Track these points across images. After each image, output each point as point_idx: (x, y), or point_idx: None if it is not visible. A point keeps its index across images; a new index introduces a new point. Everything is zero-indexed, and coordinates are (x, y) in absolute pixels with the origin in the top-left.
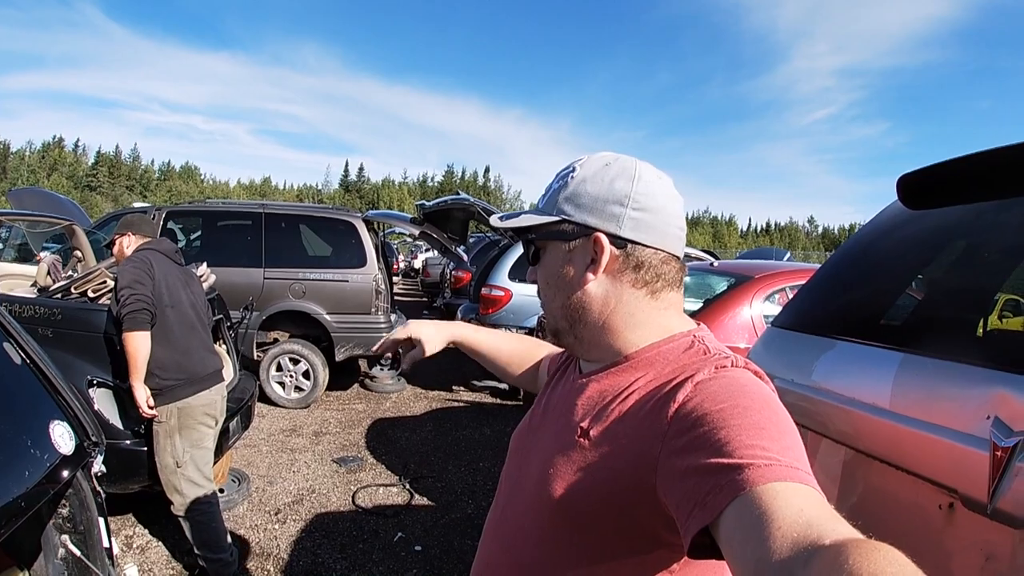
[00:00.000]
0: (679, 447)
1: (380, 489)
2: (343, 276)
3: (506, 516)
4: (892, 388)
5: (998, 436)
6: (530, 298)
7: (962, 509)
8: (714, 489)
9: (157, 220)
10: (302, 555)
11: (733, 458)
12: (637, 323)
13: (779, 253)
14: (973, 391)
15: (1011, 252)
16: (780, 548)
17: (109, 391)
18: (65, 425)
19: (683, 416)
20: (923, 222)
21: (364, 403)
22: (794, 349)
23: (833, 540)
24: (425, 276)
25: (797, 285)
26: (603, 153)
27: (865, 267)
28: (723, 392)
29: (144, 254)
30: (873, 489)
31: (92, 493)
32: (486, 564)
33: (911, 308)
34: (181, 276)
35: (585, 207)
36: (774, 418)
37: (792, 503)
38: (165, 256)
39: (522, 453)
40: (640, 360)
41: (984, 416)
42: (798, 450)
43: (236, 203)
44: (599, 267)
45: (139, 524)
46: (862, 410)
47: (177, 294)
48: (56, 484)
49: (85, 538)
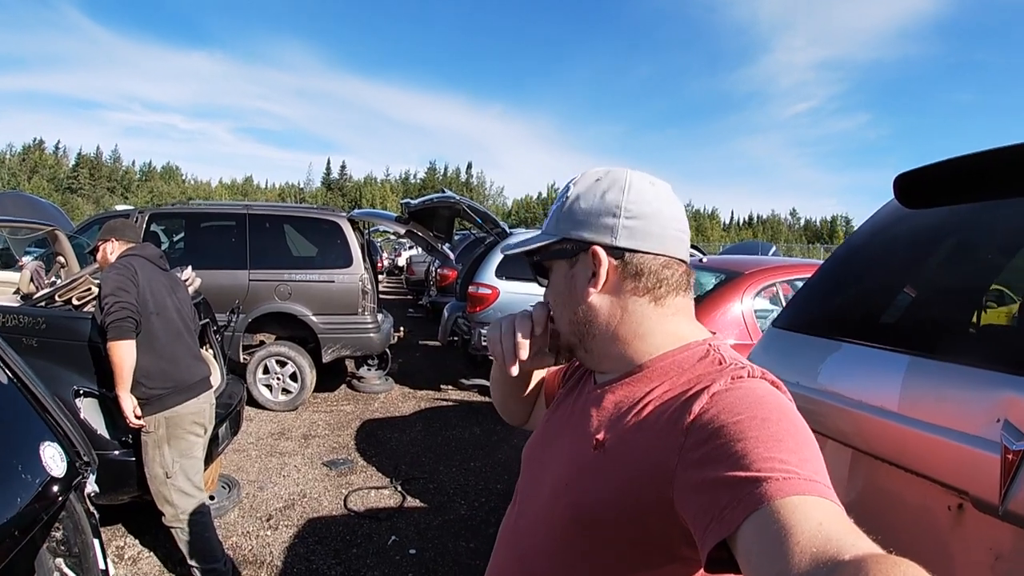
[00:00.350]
0: (696, 459)
1: (372, 492)
2: (329, 277)
3: (520, 526)
4: (900, 391)
5: (1009, 439)
6: (517, 296)
7: (971, 510)
8: (732, 502)
9: (140, 223)
10: (296, 561)
11: (751, 471)
12: (646, 331)
13: (765, 247)
14: (983, 394)
15: (1006, 250)
16: (799, 563)
17: (96, 400)
18: (56, 446)
19: (700, 428)
20: (921, 221)
21: (352, 404)
22: (798, 351)
23: (853, 556)
24: (410, 274)
25: (787, 280)
26: (595, 169)
27: (867, 267)
28: (740, 403)
29: (128, 260)
30: (879, 490)
31: (86, 514)
32: (499, 573)
33: (914, 308)
34: (166, 282)
35: (581, 223)
36: (792, 429)
37: (811, 517)
38: (149, 262)
39: (537, 463)
40: (655, 370)
41: (994, 419)
42: (817, 462)
43: (220, 204)
44: (599, 279)
45: (130, 534)
46: (870, 413)
47: (162, 300)
48: (49, 507)
49: (80, 561)
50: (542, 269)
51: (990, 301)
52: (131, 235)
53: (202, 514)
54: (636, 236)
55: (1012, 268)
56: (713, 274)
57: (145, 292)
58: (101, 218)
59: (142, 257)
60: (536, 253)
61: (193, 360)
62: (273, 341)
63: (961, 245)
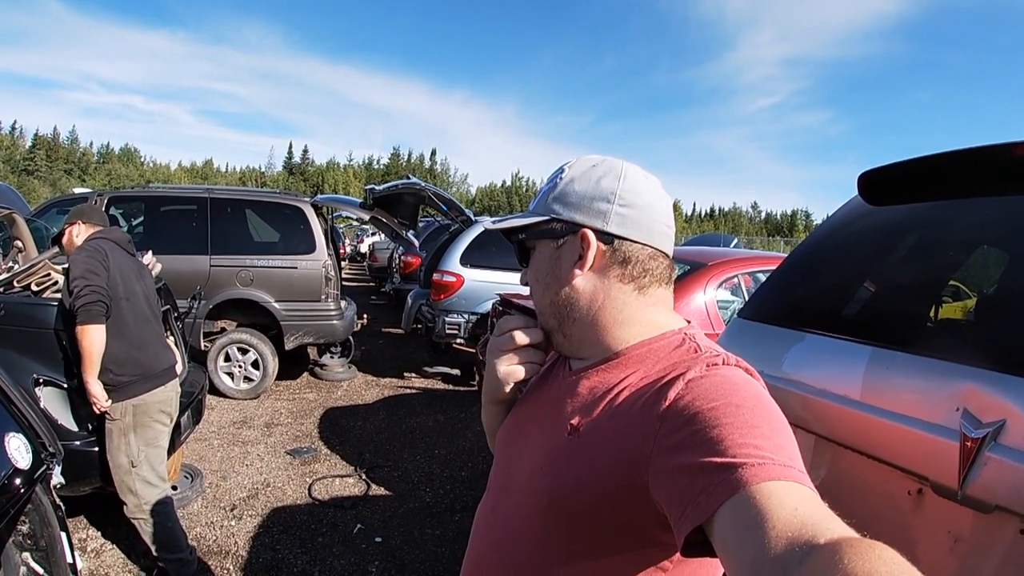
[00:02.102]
0: (671, 445)
1: (336, 480)
2: (292, 263)
3: (496, 514)
4: (863, 380)
5: (968, 427)
6: (482, 284)
7: (931, 495)
8: (707, 488)
9: (100, 206)
10: (261, 551)
11: (726, 457)
12: (626, 319)
13: (727, 239)
14: (943, 384)
15: (963, 245)
16: (775, 547)
17: (57, 389)
18: (20, 437)
19: (675, 414)
20: (883, 217)
21: (315, 392)
22: (762, 341)
23: (828, 539)
24: (372, 261)
25: (749, 272)
26: (591, 155)
27: (830, 261)
28: (715, 390)
29: (98, 243)
30: (842, 476)
31: (52, 507)
32: (476, 563)
33: (876, 301)
34: (134, 267)
35: (573, 205)
36: (767, 416)
37: (786, 502)
38: (118, 246)
39: (511, 450)
40: (631, 357)
41: (954, 408)
42: (791, 448)
43: (181, 188)
44: (586, 262)
45: (92, 526)
46: (833, 401)
47: (131, 286)
48: (15, 501)
49: (48, 555)
50: (524, 249)
51: (946, 296)
52: (98, 219)
53: (165, 504)
54: (627, 224)
55: (969, 264)
56: (677, 265)
57: (115, 276)
58: (59, 201)
59: (111, 240)
60: (522, 231)
61: (161, 347)
62: (235, 328)
63: (921, 241)
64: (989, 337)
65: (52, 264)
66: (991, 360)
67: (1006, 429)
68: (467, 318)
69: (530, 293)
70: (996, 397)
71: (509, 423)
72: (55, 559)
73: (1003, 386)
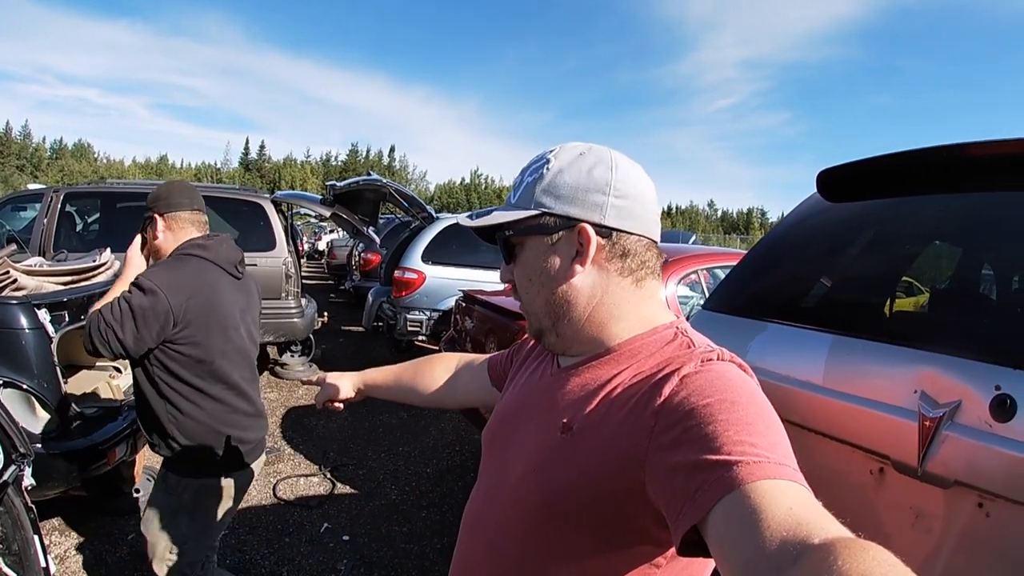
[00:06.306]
0: (667, 442)
1: (301, 480)
2: (251, 260)
3: (487, 512)
4: (825, 366)
5: (926, 408)
6: (444, 281)
7: (892, 473)
8: (703, 486)
9: (55, 202)
10: (228, 552)
11: (722, 454)
12: (621, 314)
13: (685, 236)
14: (902, 369)
15: (918, 239)
16: (769, 546)
17: (17, 391)
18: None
19: (670, 410)
20: (840, 213)
21: (276, 391)
22: (727, 331)
23: (823, 539)
24: (331, 258)
25: (707, 268)
26: (574, 143)
27: (791, 254)
28: (710, 386)
29: (198, 267)
30: (806, 458)
31: (25, 509)
32: (466, 562)
33: (835, 292)
34: (241, 300)
35: (565, 198)
36: (761, 413)
37: (781, 501)
38: (221, 269)
39: (500, 447)
40: (623, 352)
41: (912, 391)
42: (785, 446)
43: (139, 184)
44: (586, 258)
45: (56, 531)
46: (797, 387)
47: (232, 334)
48: None
49: (21, 559)
50: (509, 246)
51: (900, 292)
52: (196, 213)
53: None
54: (623, 216)
55: (924, 257)
56: None
57: (209, 325)
58: (14, 198)
59: (212, 263)
60: (508, 227)
61: (254, 415)
62: None
63: (878, 236)
64: (945, 323)
65: (9, 260)
66: (947, 345)
67: (962, 409)
68: (429, 315)
69: (517, 292)
70: (952, 380)
71: (495, 420)
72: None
73: (959, 369)
